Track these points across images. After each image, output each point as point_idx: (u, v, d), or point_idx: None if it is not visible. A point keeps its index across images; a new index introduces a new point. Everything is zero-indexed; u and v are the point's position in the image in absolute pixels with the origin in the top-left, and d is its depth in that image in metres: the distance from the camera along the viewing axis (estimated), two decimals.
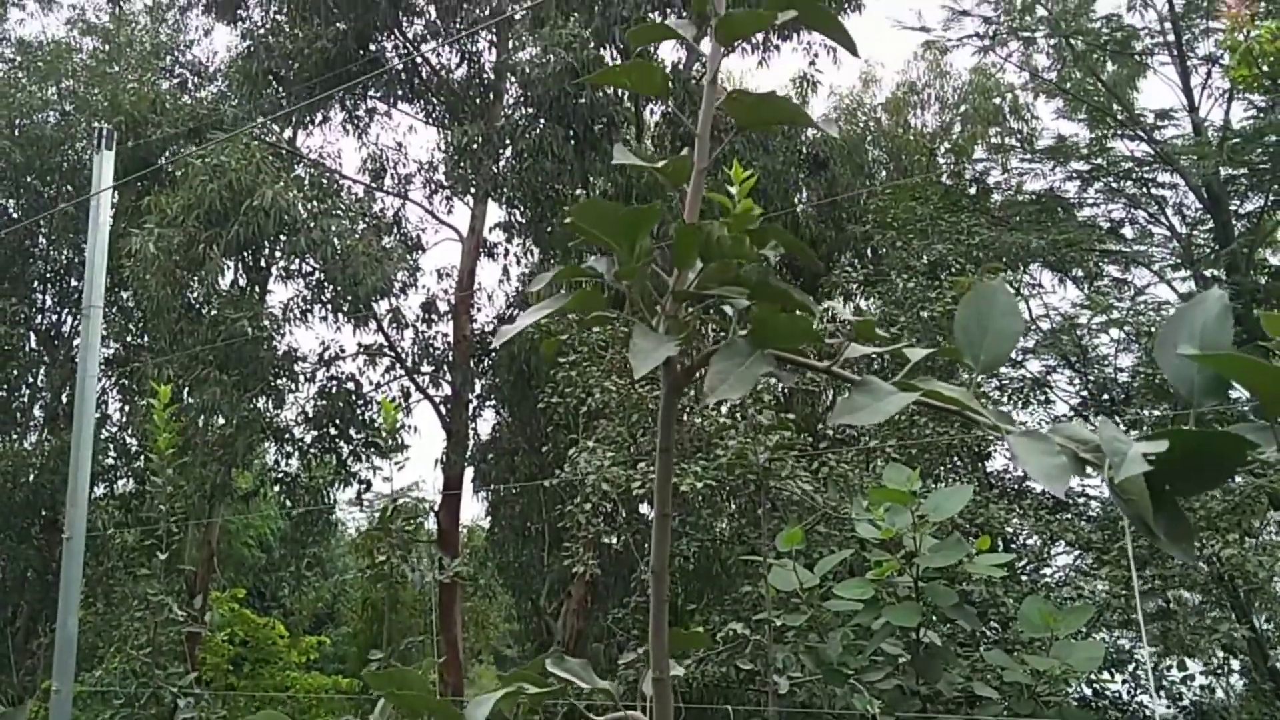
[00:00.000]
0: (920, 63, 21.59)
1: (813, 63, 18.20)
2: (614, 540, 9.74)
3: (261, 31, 17.29)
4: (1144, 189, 13.88)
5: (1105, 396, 12.11)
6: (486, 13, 18.10)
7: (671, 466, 1.78)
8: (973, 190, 16.14)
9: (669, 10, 16.30)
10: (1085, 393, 12.72)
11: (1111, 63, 15.09)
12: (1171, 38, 13.01)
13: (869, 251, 16.74)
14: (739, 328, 1.72)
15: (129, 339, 17.90)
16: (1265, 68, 8.32)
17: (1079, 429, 1.21)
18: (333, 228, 14.14)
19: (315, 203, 14.61)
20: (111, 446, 17.33)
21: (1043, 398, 13.10)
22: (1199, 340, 1.14)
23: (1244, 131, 12.27)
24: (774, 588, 6.39)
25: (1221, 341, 1.14)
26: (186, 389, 13.78)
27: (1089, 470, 1.18)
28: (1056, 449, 1.20)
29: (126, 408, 17.79)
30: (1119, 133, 14.39)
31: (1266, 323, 1.14)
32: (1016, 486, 11.97)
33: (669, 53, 17.11)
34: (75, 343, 15.94)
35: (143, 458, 15.11)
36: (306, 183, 15.44)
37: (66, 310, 18.66)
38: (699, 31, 1.89)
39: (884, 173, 20.93)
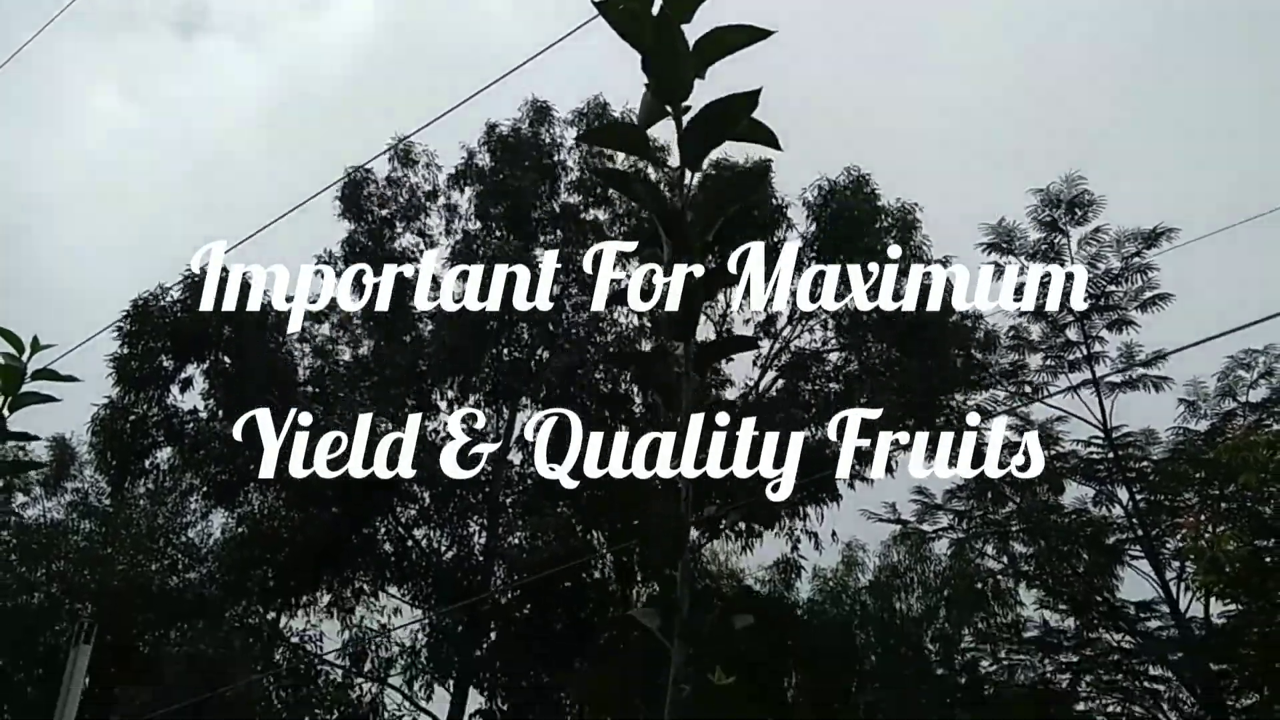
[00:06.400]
0: (900, 547, 21.99)
1: (795, 547, 18.40)
2: None
3: (258, 515, 17.73)
4: (1136, 682, 13.64)
5: None
6: (479, 498, 18.67)
7: None
8: (963, 680, 15.85)
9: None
10: None
11: (1086, 554, 15.42)
12: (1141, 532, 13.40)
13: None
14: None
15: None
16: (1230, 570, 8.51)
17: None
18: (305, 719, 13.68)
19: (290, 690, 14.26)
20: None
21: None
22: None
23: (1225, 628, 12.27)
24: None
25: None
26: None
27: None
28: None
29: None
30: (1103, 623, 14.39)
31: None
32: None
33: None
34: None
35: None
36: (284, 669, 15.13)
37: None
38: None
39: (872, 657, 20.58)
